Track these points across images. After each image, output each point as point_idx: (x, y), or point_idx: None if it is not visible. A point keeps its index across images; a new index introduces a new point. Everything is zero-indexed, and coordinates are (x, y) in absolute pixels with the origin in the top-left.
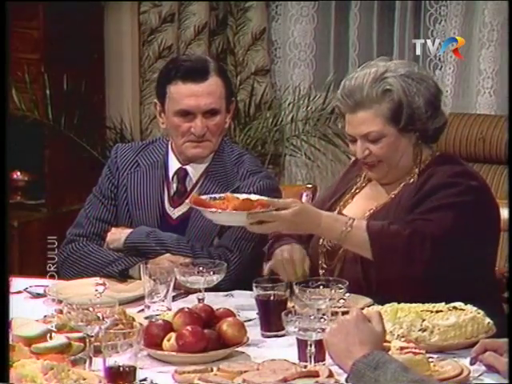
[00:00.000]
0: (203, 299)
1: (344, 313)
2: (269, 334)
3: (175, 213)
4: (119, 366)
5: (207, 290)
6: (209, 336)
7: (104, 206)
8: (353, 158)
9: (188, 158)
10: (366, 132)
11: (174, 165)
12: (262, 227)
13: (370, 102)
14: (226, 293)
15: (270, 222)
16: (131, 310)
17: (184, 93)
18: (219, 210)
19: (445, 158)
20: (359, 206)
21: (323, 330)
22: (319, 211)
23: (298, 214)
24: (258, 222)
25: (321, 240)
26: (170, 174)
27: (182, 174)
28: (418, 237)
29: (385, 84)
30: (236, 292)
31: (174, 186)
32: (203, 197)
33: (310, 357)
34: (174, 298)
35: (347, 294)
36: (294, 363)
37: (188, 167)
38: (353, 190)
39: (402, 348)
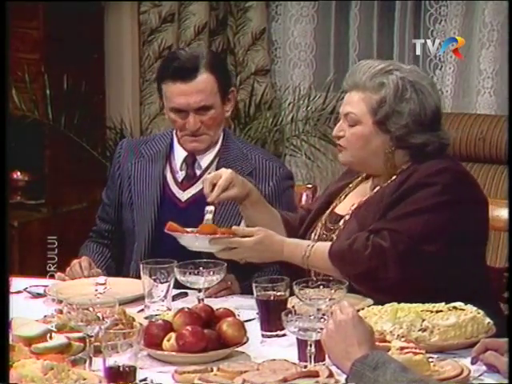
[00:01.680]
0: (203, 299)
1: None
2: (269, 333)
3: (184, 196)
4: (119, 366)
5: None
6: (209, 336)
7: (102, 206)
8: None
9: (188, 151)
10: (348, 111)
11: (181, 152)
12: (229, 253)
13: (365, 87)
14: None
15: (234, 249)
16: (131, 310)
17: (174, 92)
18: (186, 234)
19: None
20: (348, 203)
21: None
22: (282, 238)
23: (260, 243)
24: (226, 248)
25: (314, 233)
26: (177, 161)
27: (190, 160)
28: (377, 258)
29: (384, 78)
30: None
31: (183, 172)
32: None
33: (310, 357)
34: (174, 298)
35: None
36: (294, 363)
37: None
38: (347, 190)
39: (401, 348)
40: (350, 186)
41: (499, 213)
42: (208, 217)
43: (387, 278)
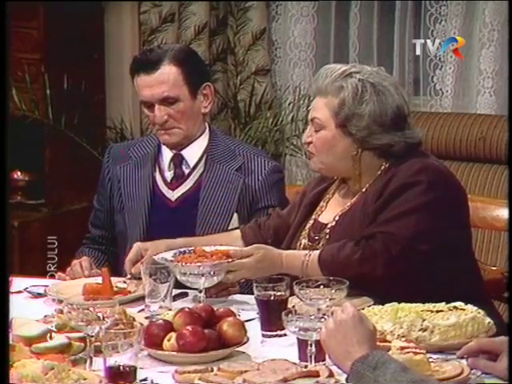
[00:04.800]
0: (204, 299)
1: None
2: (269, 333)
3: (174, 195)
4: (119, 366)
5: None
6: (209, 336)
7: (94, 212)
8: None
9: (166, 145)
10: (313, 117)
11: (168, 152)
12: (229, 276)
13: (327, 92)
14: None
15: (236, 271)
16: (131, 310)
17: (140, 84)
18: (184, 263)
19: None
20: (331, 211)
21: None
22: (280, 252)
23: (262, 261)
24: (226, 272)
25: (298, 243)
26: (165, 161)
27: (178, 160)
28: (368, 261)
29: (343, 81)
30: None
31: (171, 172)
32: (170, 252)
33: (311, 357)
34: (175, 298)
35: None
36: (295, 363)
37: (183, 152)
38: (326, 196)
39: (402, 348)
40: (329, 191)
41: (499, 213)
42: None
43: (377, 281)
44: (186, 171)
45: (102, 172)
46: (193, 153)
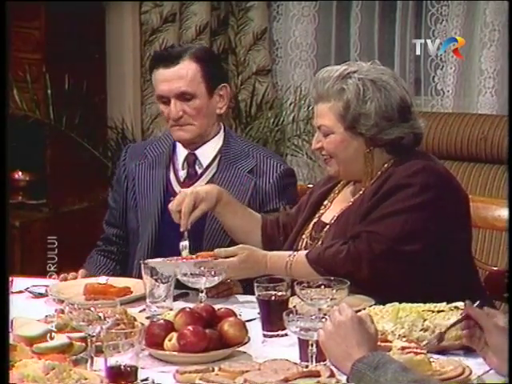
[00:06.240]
0: (205, 299)
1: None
2: (270, 333)
3: None
4: (120, 366)
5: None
6: (210, 336)
7: (109, 211)
8: None
9: (179, 142)
10: (320, 124)
11: (182, 151)
12: None
13: (329, 97)
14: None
15: None
16: (132, 310)
17: (158, 78)
18: (167, 260)
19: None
20: (333, 210)
21: None
22: (265, 253)
23: (245, 261)
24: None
25: (301, 242)
26: (179, 160)
27: (191, 159)
28: (352, 261)
29: (343, 83)
30: None
31: (185, 171)
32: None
33: (312, 356)
34: (176, 298)
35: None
36: (296, 363)
37: (197, 152)
38: (331, 196)
39: (403, 348)
40: (335, 190)
41: (500, 213)
42: (184, 254)
43: (363, 280)
44: (199, 171)
45: (118, 170)
46: (206, 153)
